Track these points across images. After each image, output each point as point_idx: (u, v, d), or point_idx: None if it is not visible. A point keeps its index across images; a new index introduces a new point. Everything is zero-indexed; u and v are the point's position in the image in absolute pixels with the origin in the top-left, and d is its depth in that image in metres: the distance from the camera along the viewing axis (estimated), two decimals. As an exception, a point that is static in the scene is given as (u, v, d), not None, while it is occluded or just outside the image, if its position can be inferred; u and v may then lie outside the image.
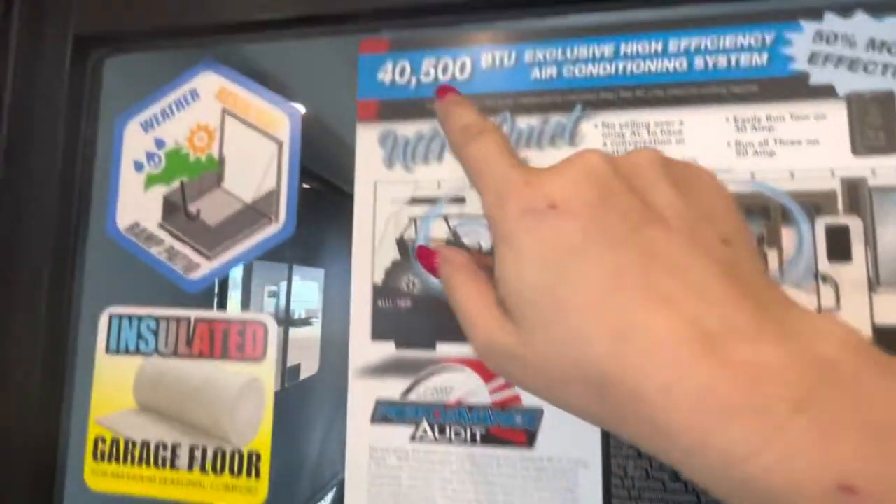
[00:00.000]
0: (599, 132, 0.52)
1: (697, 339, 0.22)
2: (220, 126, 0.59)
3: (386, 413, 0.52)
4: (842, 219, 0.47)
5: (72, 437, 0.60)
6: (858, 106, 0.48)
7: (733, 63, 0.50)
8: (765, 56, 0.50)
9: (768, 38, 0.50)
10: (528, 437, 0.50)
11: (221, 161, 0.59)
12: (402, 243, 0.54)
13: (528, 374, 0.29)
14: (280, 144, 0.58)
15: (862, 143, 0.47)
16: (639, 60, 0.52)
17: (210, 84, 0.61)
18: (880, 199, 0.47)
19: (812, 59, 0.49)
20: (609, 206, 0.27)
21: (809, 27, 0.49)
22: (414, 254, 0.51)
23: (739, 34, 0.50)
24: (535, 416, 0.50)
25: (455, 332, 0.51)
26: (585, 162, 0.29)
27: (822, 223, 0.47)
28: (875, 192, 0.47)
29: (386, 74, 0.56)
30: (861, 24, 0.48)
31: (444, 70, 0.55)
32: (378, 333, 0.53)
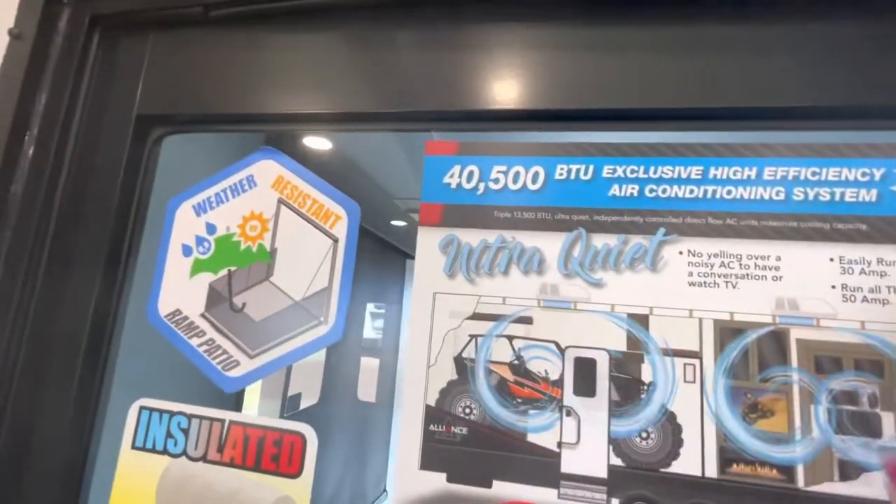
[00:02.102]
0: (685, 259, 0.44)
1: None
2: (274, 216, 0.53)
3: (432, 558, 0.43)
4: (971, 386, 0.38)
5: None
6: None
7: (837, 197, 0.43)
8: (874, 192, 0.42)
9: (878, 173, 0.43)
10: None
11: (273, 253, 0.53)
12: (460, 361, 0.47)
13: None
14: (336, 241, 0.52)
15: None
16: (730, 186, 0.45)
17: (268, 172, 0.55)
18: None
19: (930, 201, 0.41)
20: None
21: (925, 166, 0.42)
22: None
23: (845, 167, 0.43)
24: (603, 581, 0.40)
25: (515, 470, 0.43)
26: None
27: (947, 388, 0.39)
28: None
29: (452, 178, 0.50)
30: (985, 167, 0.41)
31: (515, 178, 0.49)
32: (428, 462, 0.45)
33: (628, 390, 0.43)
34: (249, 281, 0.53)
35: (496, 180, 0.50)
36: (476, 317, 0.47)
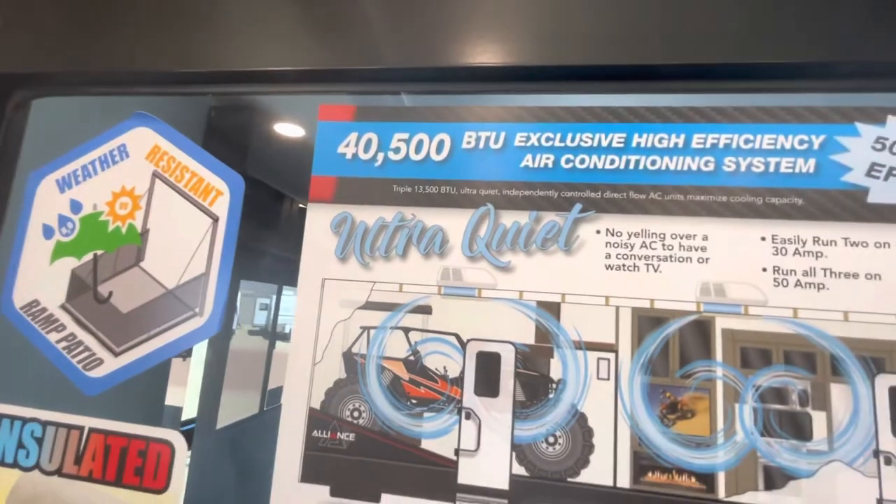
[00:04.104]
0: (602, 239, 0.37)
1: None
2: (147, 192, 0.44)
3: (310, 584, 0.35)
4: (911, 381, 0.32)
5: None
6: (931, 235, 0.33)
7: (771, 168, 0.35)
8: (812, 162, 0.35)
9: (816, 141, 0.35)
10: None
11: (144, 234, 0.43)
12: (349, 357, 0.38)
13: None
14: (216, 220, 0.42)
15: (937, 284, 0.33)
16: (655, 156, 0.37)
17: (142, 141, 0.45)
18: (963, 361, 0.32)
19: (873, 171, 0.34)
20: None
21: (869, 131, 0.35)
22: None
23: (781, 133, 0.36)
24: None
25: (407, 482, 0.35)
26: None
27: (884, 383, 0.32)
28: (955, 351, 0.32)
29: (348, 147, 0.41)
30: (933, 133, 0.34)
31: (418, 148, 0.40)
32: (309, 475, 0.37)
33: (535, 389, 0.36)
34: (117, 267, 0.43)
35: (397, 150, 0.41)
36: (369, 306, 0.39)
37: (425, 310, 0.38)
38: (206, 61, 0.44)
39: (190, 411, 0.73)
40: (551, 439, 0.35)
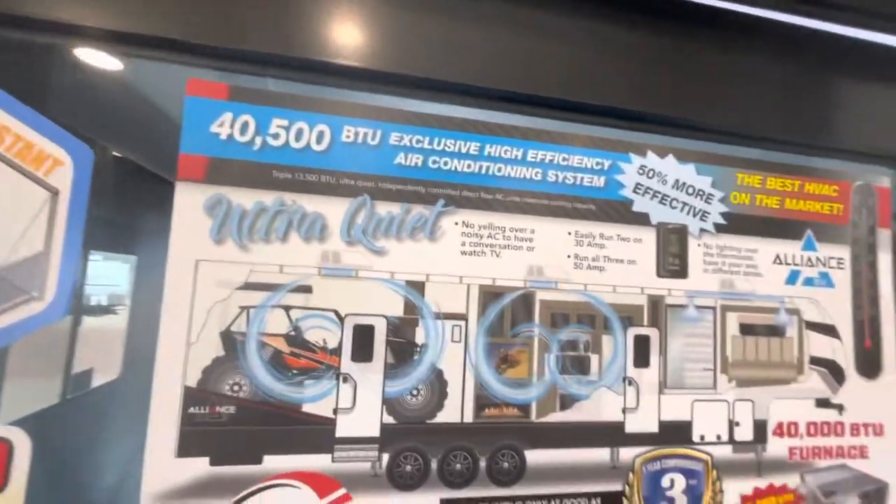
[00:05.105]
0: (459, 230, 0.44)
1: None
2: (-51, 154, 0.35)
3: (191, 548, 0.37)
4: (645, 330, 0.47)
5: None
6: (663, 235, 0.49)
7: (577, 181, 0.47)
8: (602, 179, 0.48)
9: (606, 164, 0.48)
10: (363, 553, 0.40)
11: (-51, 205, 0.35)
12: (228, 336, 0.39)
13: None
14: (55, 193, 0.37)
15: (664, 267, 0.49)
16: (501, 164, 0.45)
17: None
18: (672, 316, 0.48)
19: (636, 188, 0.48)
20: None
21: (637, 160, 0.49)
22: None
23: (586, 156, 0.47)
24: (372, 528, 0.40)
25: (288, 442, 0.38)
26: None
27: (632, 333, 0.47)
28: (669, 310, 0.48)
29: (222, 127, 0.40)
30: (670, 166, 0.50)
31: (298, 136, 0.41)
32: (187, 449, 0.37)
33: (403, 353, 0.42)
34: None
35: (276, 135, 0.41)
36: (248, 287, 0.40)
37: (306, 289, 0.41)
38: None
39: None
40: (415, 392, 0.42)
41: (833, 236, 0.54)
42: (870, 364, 0.53)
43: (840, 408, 0.52)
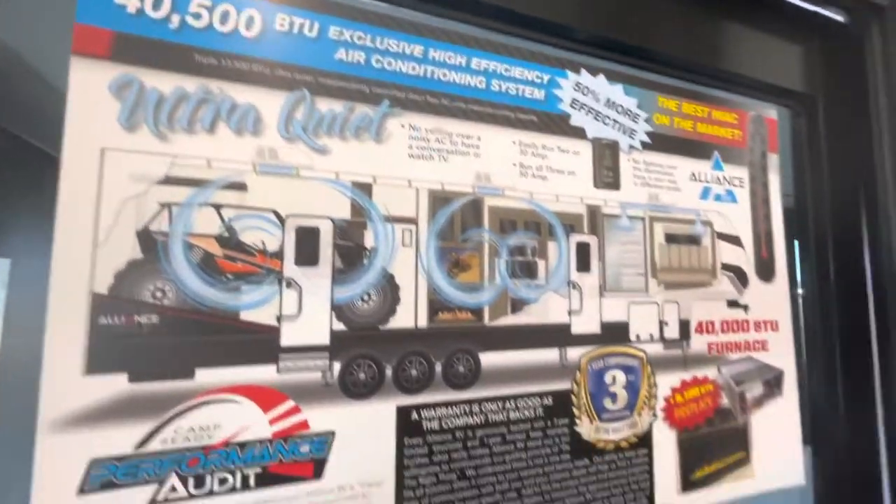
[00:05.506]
0: (406, 133, 0.42)
1: None
2: None
3: (107, 477, 0.31)
4: (586, 237, 0.50)
5: None
6: (598, 149, 0.51)
7: (520, 92, 0.48)
8: (542, 93, 0.49)
9: (545, 78, 0.49)
10: (315, 468, 0.37)
11: None
12: (146, 236, 0.34)
13: None
14: None
15: (599, 179, 0.51)
16: (445, 70, 0.44)
17: None
18: (608, 225, 0.51)
19: (573, 104, 0.50)
20: None
21: (572, 77, 0.51)
22: None
23: (526, 69, 0.48)
24: (325, 440, 0.37)
25: (225, 354, 0.34)
26: None
27: (574, 240, 0.49)
28: (606, 219, 0.51)
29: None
30: (602, 85, 0.52)
31: (224, 18, 0.37)
32: (98, 365, 0.32)
33: (351, 257, 0.40)
34: None
35: (197, 15, 0.36)
36: (170, 181, 0.35)
37: (240, 187, 0.37)
38: None
39: None
40: (366, 297, 0.40)
41: (735, 158, 0.60)
42: (766, 270, 0.61)
43: (745, 307, 0.58)
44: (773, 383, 0.60)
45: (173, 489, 0.33)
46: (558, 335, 0.47)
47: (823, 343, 0.63)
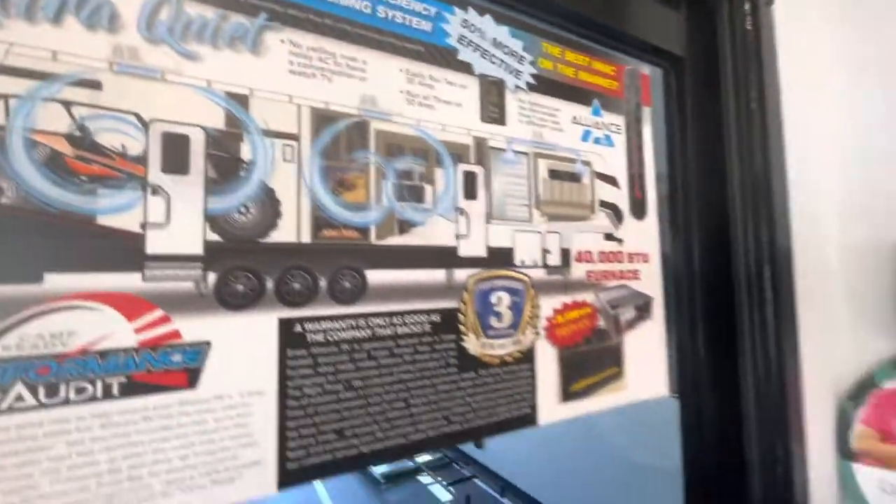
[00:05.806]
0: (286, 48, 0.42)
1: None
2: None
3: (-66, 383, 0.29)
4: (473, 167, 0.52)
5: None
6: (484, 85, 0.54)
7: (407, 22, 0.49)
8: (430, 25, 0.50)
9: (433, 11, 0.51)
10: (189, 377, 0.36)
11: None
12: (-24, 128, 0.31)
13: None
14: None
15: (485, 114, 0.54)
16: (327, -12, 0.44)
17: None
18: (494, 157, 0.54)
19: (460, 39, 0.52)
20: None
21: (459, 13, 0.53)
22: None
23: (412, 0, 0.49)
24: (199, 350, 0.37)
25: (79, 259, 0.32)
26: None
27: (461, 169, 0.52)
28: (492, 151, 0.54)
29: None
30: (489, 25, 0.55)
31: None
32: (-83, 262, 0.29)
33: (227, 168, 0.39)
34: None
35: None
36: (7, 71, 0.32)
37: (93, 84, 0.34)
38: None
39: None
40: (243, 209, 0.39)
41: (612, 106, 0.66)
42: (639, 209, 0.68)
43: (620, 241, 0.65)
44: (644, 308, 0.67)
45: (20, 398, 0.31)
46: (446, 257, 0.50)
47: (686, 271, 0.72)
